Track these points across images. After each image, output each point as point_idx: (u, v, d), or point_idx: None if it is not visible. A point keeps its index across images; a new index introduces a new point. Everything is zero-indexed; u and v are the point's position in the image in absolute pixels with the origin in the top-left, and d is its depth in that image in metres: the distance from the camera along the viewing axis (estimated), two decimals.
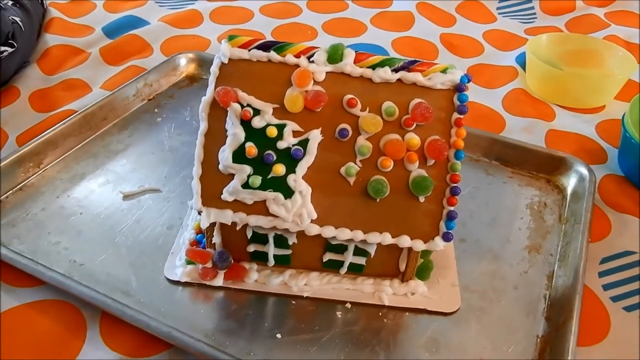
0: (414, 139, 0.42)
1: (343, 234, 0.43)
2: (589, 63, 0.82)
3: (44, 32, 0.85)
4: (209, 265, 0.47)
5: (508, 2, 1.03)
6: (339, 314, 0.46)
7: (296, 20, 0.95)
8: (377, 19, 0.96)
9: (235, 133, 0.42)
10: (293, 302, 0.47)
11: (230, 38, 0.45)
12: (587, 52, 0.82)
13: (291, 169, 0.42)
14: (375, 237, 0.43)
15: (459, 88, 0.42)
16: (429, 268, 0.48)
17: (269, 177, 0.42)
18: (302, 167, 0.42)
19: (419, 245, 0.43)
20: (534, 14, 1.02)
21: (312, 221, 0.43)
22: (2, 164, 0.56)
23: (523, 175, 0.63)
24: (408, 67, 0.43)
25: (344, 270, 0.48)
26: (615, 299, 0.50)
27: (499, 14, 1.02)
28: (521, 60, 0.84)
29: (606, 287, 0.51)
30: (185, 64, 0.78)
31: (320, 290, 0.47)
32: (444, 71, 0.43)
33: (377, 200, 0.43)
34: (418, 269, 0.47)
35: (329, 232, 0.43)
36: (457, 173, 0.42)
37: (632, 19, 1.00)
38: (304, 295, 0.47)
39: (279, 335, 0.44)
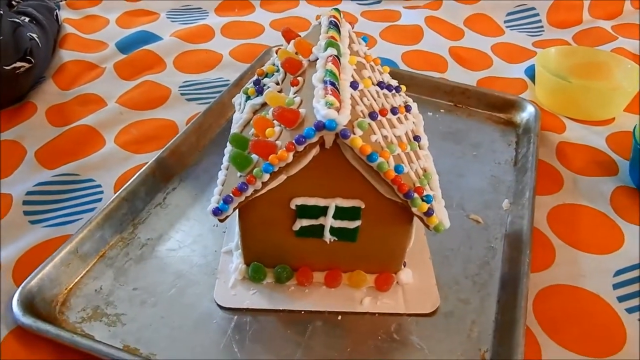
0: (271, 130, 0.44)
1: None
2: (597, 76, 0.82)
3: (58, 47, 0.86)
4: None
5: (515, 16, 1.04)
6: None
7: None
8: (386, 33, 0.97)
9: (272, 59, 0.58)
10: None
11: (336, 10, 0.56)
12: (595, 65, 0.83)
13: (254, 98, 0.53)
14: (221, 174, 0.49)
15: (316, 124, 0.40)
16: (257, 271, 0.50)
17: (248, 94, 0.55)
18: (254, 101, 0.52)
19: (212, 206, 0.45)
20: (542, 27, 1.02)
21: None
22: None
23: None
24: (326, 85, 0.42)
25: None
26: (630, 310, 0.50)
27: (507, 27, 1.02)
28: (530, 73, 0.85)
29: (621, 298, 0.51)
30: None
31: None
32: (328, 104, 0.40)
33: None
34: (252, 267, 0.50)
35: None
36: (254, 176, 0.42)
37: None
38: None
39: None
